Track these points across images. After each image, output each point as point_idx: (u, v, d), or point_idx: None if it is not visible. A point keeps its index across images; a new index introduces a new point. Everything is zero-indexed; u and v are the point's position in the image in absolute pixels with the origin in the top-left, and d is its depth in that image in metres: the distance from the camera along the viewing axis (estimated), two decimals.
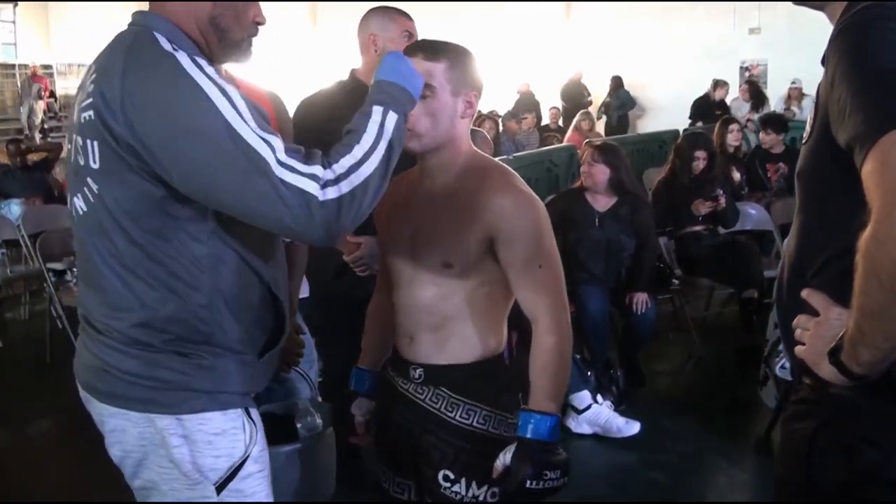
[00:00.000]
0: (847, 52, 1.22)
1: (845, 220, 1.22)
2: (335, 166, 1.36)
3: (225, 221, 1.45)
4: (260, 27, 1.56)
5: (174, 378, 1.46)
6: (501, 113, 10.87)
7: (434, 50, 1.61)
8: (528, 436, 1.57)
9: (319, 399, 2.34)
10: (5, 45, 15.53)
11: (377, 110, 1.43)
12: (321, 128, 2.21)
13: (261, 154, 1.32)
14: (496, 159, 1.89)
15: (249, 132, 1.33)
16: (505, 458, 1.59)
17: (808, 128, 1.37)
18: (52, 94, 15.59)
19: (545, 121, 11.63)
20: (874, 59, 1.18)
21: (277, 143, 1.34)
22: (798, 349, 1.30)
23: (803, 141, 1.39)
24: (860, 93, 1.16)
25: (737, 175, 5.76)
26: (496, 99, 11.69)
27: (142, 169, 1.37)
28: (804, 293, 1.30)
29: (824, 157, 1.30)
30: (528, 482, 1.54)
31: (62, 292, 4.74)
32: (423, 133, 1.60)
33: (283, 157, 1.33)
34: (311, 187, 1.32)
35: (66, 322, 4.67)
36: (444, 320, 1.68)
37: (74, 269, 4.72)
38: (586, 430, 3.69)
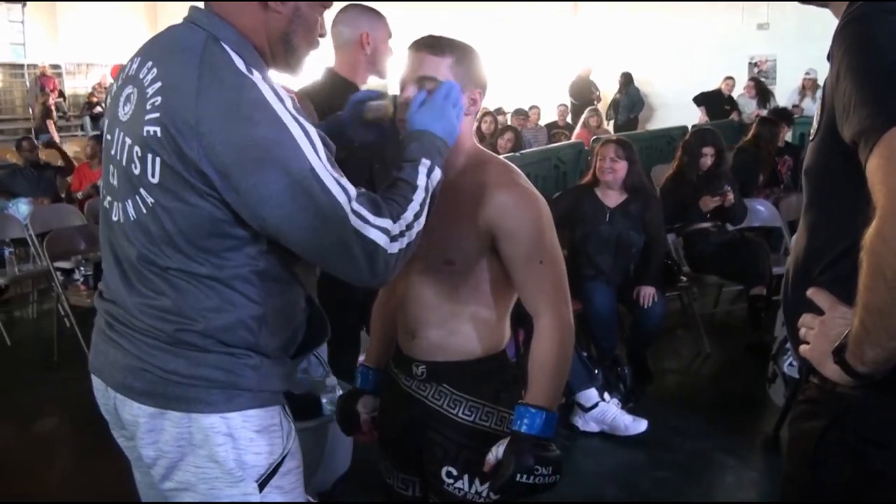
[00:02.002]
0: (852, 46, 1.20)
1: (852, 217, 1.21)
2: (400, 221, 1.40)
3: (276, 241, 1.43)
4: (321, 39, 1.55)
5: (221, 377, 1.45)
6: (508, 110, 10.87)
7: (440, 46, 1.61)
8: (522, 430, 1.57)
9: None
10: (14, 44, 15.58)
11: (425, 163, 1.48)
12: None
13: (339, 201, 1.33)
14: (506, 155, 1.88)
15: (328, 176, 1.33)
16: (497, 451, 1.59)
17: (814, 124, 1.35)
18: (62, 94, 15.64)
19: (547, 119, 11.55)
20: (879, 52, 1.17)
21: (351, 189, 1.36)
22: (802, 348, 1.29)
23: (810, 138, 1.38)
24: (865, 87, 1.15)
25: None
26: (503, 96, 11.68)
27: (207, 193, 1.34)
28: (809, 292, 1.29)
29: (831, 153, 1.28)
30: (519, 476, 1.53)
31: (70, 291, 4.76)
32: None
33: (356, 205, 1.34)
34: (383, 241, 1.36)
35: (73, 321, 4.68)
36: (446, 317, 1.68)
37: (82, 269, 4.75)
38: (593, 428, 3.67)
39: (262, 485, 1.49)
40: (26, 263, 5.66)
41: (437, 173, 1.49)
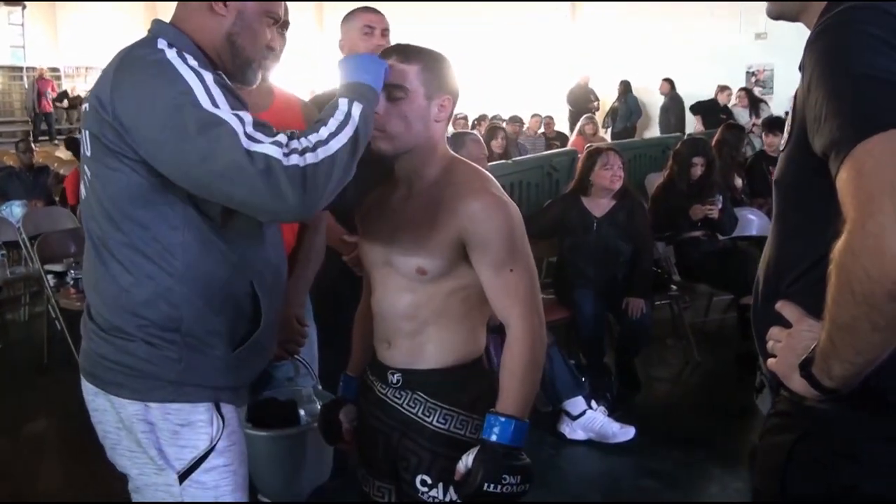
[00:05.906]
0: (823, 55, 1.19)
1: (822, 228, 1.20)
2: (301, 140, 1.41)
3: (204, 212, 1.51)
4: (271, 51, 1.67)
5: (141, 366, 1.52)
6: (504, 117, 10.86)
7: (407, 53, 1.62)
8: (492, 439, 1.56)
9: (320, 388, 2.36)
10: (13, 47, 15.60)
11: (343, 101, 1.49)
12: None
13: (231, 125, 1.37)
14: (498, 163, 1.88)
15: (221, 109, 1.39)
16: (467, 459, 1.58)
17: (785, 135, 1.35)
18: (59, 97, 15.63)
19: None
20: (850, 63, 1.14)
21: (247, 117, 1.40)
22: (770, 361, 1.28)
23: (781, 148, 1.37)
24: (836, 98, 1.13)
25: (738, 181, 5.74)
26: (499, 102, 11.68)
27: (121, 154, 1.45)
28: (778, 305, 1.28)
29: (801, 164, 1.27)
30: (486, 485, 1.52)
31: (60, 294, 4.75)
32: (396, 135, 1.61)
33: (250, 129, 1.38)
34: (274, 151, 1.36)
35: (63, 324, 4.67)
36: (420, 325, 1.68)
37: (73, 272, 4.74)
38: (581, 435, 3.66)
39: (183, 477, 1.54)
40: (18, 266, 5.67)
41: (358, 106, 1.48)
